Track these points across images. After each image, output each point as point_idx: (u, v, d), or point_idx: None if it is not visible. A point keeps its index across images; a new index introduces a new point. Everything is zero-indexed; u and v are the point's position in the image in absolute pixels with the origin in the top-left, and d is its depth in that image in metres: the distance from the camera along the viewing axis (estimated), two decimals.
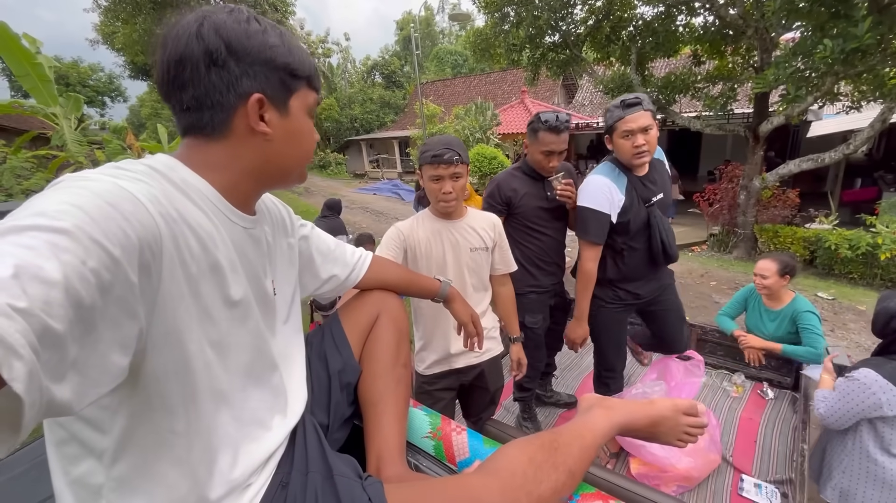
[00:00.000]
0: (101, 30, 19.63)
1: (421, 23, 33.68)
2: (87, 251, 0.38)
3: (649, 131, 1.69)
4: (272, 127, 0.62)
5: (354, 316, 0.96)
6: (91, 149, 9.25)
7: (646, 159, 1.76)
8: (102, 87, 31.31)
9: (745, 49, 7.26)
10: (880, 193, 8.19)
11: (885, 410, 1.56)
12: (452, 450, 0.88)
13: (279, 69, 0.61)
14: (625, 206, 1.84)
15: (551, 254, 2.11)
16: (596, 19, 7.79)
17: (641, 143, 1.70)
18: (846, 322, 4.77)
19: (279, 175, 0.68)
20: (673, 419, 0.84)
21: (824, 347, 2.21)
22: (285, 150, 0.65)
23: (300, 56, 0.64)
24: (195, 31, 0.56)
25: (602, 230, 1.86)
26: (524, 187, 2.01)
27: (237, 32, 0.58)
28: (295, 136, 0.65)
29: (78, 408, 0.39)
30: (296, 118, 0.65)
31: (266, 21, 0.62)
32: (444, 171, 1.44)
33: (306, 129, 0.67)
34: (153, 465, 0.55)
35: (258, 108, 0.60)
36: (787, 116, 6.07)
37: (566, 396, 2.63)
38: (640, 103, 1.69)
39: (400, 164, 20.76)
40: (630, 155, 1.75)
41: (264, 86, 0.60)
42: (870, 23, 4.15)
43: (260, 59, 0.59)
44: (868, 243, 5.70)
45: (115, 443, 0.52)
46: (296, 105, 0.64)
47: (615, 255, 1.98)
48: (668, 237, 1.90)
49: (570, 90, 18.87)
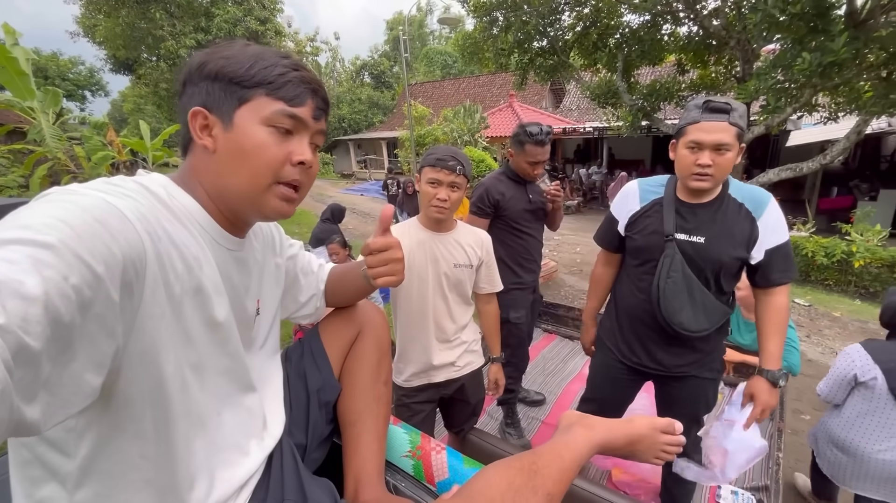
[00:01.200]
0: (82, 22, 19.14)
1: (412, 23, 33.66)
2: (70, 267, 0.38)
3: (725, 153, 1.29)
4: (217, 141, 0.60)
5: (335, 331, 0.94)
6: (70, 144, 9.01)
7: (706, 184, 1.34)
8: (83, 81, 30.54)
9: (728, 59, 7.41)
10: (855, 202, 8.46)
11: (858, 376, 1.85)
12: (431, 470, 0.87)
13: (221, 79, 0.59)
14: (635, 216, 1.53)
15: (532, 253, 2.25)
16: (583, 26, 7.87)
17: (706, 164, 1.30)
18: (822, 328, 4.90)
19: (230, 195, 0.62)
20: (651, 437, 0.84)
21: (798, 360, 2.26)
22: (231, 166, 0.60)
23: (255, 65, 0.60)
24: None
25: (606, 233, 1.66)
26: (510, 191, 2.13)
27: (197, 60, 0.60)
28: (240, 150, 0.59)
29: (45, 428, 0.38)
30: (242, 130, 0.59)
31: (240, 40, 0.63)
32: (443, 177, 1.42)
33: (255, 141, 0.59)
34: (120, 492, 0.54)
35: (201, 121, 0.60)
36: (768, 126, 6.21)
37: (534, 394, 2.72)
38: (728, 112, 1.29)
39: (388, 164, 20.70)
40: (688, 173, 1.36)
41: (206, 98, 0.60)
42: (846, 38, 4.27)
43: (205, 73, 0.60)
44: (843, 251, 5.87)
45: (80, 467, 0.51)
46: (244, 117, 0.59)
47: (628, 278, 1.62)
48: (670, 292, 1.42)
49: (557, 95, 19.05)
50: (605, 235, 1.67)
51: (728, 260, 1.38)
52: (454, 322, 1.61)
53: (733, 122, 1.29)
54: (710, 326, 1.43)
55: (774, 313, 1.43)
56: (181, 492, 0.58)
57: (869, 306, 5.60)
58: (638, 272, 1.55)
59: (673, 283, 1.41)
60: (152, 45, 18.22)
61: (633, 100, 7.50)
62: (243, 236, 0.69)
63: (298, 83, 0.61)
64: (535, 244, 2.25)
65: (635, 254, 1.55)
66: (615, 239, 1.62)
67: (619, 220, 1.59)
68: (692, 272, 1.40)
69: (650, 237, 1.47)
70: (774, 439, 2.05)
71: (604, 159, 13.77)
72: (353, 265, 0.98)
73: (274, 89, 0.60)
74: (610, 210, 1.64)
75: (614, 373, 1.68)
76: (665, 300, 1.43)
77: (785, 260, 1.39)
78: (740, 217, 1.38)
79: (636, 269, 1.56)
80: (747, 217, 1.37)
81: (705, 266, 1.40)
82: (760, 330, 1.46)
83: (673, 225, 1.43)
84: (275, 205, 0.63)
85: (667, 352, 1.53)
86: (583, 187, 12.79)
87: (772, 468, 1.89)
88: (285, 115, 0.60)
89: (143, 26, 17.36)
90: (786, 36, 5.06)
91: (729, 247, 1.37)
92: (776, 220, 1.37)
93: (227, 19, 18.01)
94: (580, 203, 12.28)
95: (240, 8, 18.61)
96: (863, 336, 4.72)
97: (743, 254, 1.37)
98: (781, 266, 1.38)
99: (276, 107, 0.60)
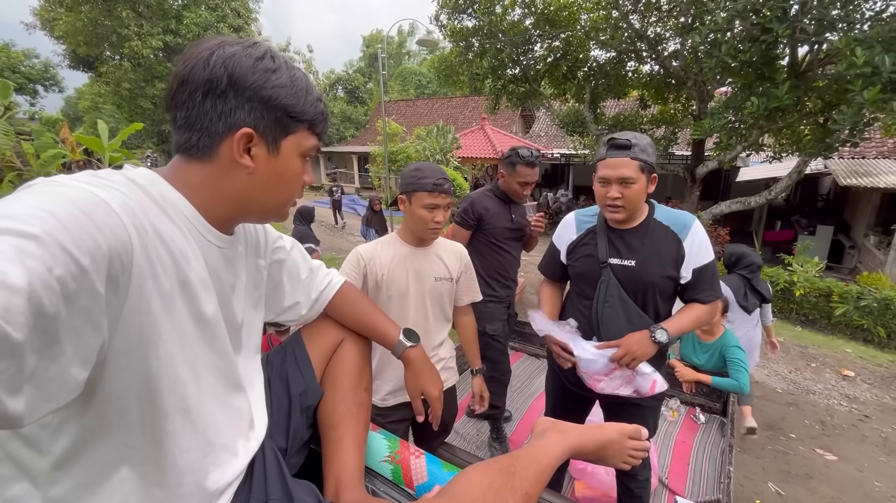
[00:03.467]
0: (40, 15, 18.26)
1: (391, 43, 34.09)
2: (55, 258, 0.37)
3: (630, 185, 1.39)
4: (257, 162, 0.62)
5: (319, 337, 0.95)
6: (17, 140, 8.46)
7: (619, 216, 1.44)
8: (35, 75, 28.85)
9: (686, 98, 7.97)
10: (796, 236, 9.15)
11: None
12: (411, 475, 0.88)
13: (277, 108, 0.61)
14: (573, 244, 1.62)
15: (509, 270, 2.36)
16: (554, 57, 8.27)
17: (616, 196, 1.40)
18: (766, 352, 5.20)
19: (256, 210, 0.67)
20: (619, 443, 0.89)
21: (747, 380, 2.41)
22: (266, 188, 0.64)
23: (306, 100, 0.63)
24: (205, 57, 0.57)
25: (549, 263, 1.73)
26: (494, 208, 2.27)
27: (244, 67, 0.58)
28: (279, 176, 0.65)
29: (28, 422, 0.37)
30: (285, 159, 0.64)
31: (283, 60, 0.62)
32: (441, 201, 1.43)
33: (294, 171, 0.66)
34: (101, 488, 0.53)
35: (246, 142, 0.60)
36: (720, 161, 6.69)
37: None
38: (629, 147, 1.39)
39: (358, 179, 20.59)
40: (602, 205, 1.48)
41: (257, 122, 0.60)
42: (788, 86, 4.71)
43: (259, 95, 0.59)
44: (786, 280, 6.32)
45: (54, 464, 0.50)
46: (289, 146, 0.64)
47: (571, 305, 1.68)
48: (608, 316, 1.49)
49: (527, 121, 19.69)
50: (549, 265, 1.74)
51: (659, 280, 1.47)
52: (432, 339, 1.61)
53: (634, 157, 1.38)
54: None
55: (698, 310, 1.51)
56: (168, 488, 0.57)
57: (809, 332, 6.03)
58: (581, 298, 1.62)
59: (610, 308, 1.49)
60: (116, 44, 17.55)
61: (600, 129, 7.90)
62: (231, 234, 0.69)
63: (326, 121, 0.68)
64: (511, 261, 2.36)
65: (576, 280, 1.64)
66: (558, 268, 1.69)
67: (560, 249, 1.67)
68: (628, 295, 1.48)
69: (587, 262, 1.56)
70: (726, 454, 2.16)
71: (570, 184, 14.27)
72: (384, 325, 0.99)
73: (314, 125, 0.66)
74: (552, 241, 1.72)
75: (564, 396, 1.73)
76: (604, 324, 1.49)
77: (711, 279, 1.48)
78: (667, 239, 1.47)
79: (579, 296, 1.63)
80: (673, 238, 1.46)
81: (638, 288, 1.48)
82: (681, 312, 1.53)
83: (606, 251, 1.51)
84: (285, 214, 0.71)
85: None
86: (549, 210, 13.21)
87: (723, 482, 1.98)
88: (314, 149, 0.68)
89: (107, 24, 16.73)
90: (737, 80, 5.52)
91: (658, 267, 1.46)
92: (700, 240, 1.47)
93: (198, 23, 17.66)
94: (547, 225, 12.64)
95: (213, 14, 18.32)
96: (804, 360, 5.06)
97: (673, 273, 1.45)
98: (708, 285, 1.48)
99: (312, 142, 0.67)
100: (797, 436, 3.48)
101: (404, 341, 1.00)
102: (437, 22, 8.25)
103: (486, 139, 14.00)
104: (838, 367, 4.91)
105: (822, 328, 6.20)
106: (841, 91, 4.66)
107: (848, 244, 9.18)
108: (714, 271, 1.48)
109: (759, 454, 3.18)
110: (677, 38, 6.87)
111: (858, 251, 8.87)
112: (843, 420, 3.81)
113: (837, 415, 3.89)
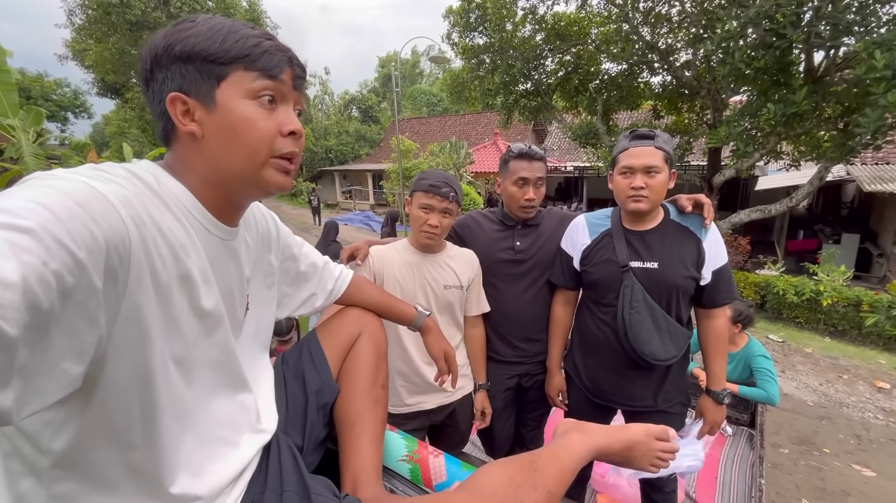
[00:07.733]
0: (72, 46, 19.23)
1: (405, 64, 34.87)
2: (50, 252, 0.36)
3: (655, 175, 1.36)
4: (203, 125, 0.57)
5: (334, 334, 0.95)
6: (48, 164, 8.84)
7: (642, 206, 1.38)
8: (66, 103, 30.28)
9: (700, 107, 7.93)
10: (821, 244, 8.89)
11: None
12: (429, 474, 0.87)
13: (194, 58, 0.55)
14: (587, 250, 1.53)
15: (512, 321, 1.80)
16: (566, 71, 8.34)
17: (640, 186, 1.36)
18: (795, 364, 5.03)
19: (233, 178, 0.60)
20: (646, 444, 0.85)
21: (777, 391, 2.32)
22: (223, 147, 0.58)
23: (227, 38, 0.56)
24: (139, 56, 0.58)
25: (561, 271, 1.63)
26: (488, 231, 1.75)
27: (162, 42, 0.55)
28: (230, 129, 0.57)
29: (17, 417, 0.36)
30: (227, 108, 0.57)
31: (210, 17, 0.58)
32: (436, 203, 1.42)
33: (245, 118, 0.57)
34: (104, 484, 0.52)
35: (182, 108, 0.56)
36: (737, 170, 6.59)
37: None
38: (653, 137, 1.38)
39: (373, 195, 20.85)
40: (624, 196, 1.41)
41: (182, 82, 0.56)
42: (805, 91, 4.65)
43: (174, 53, 0.55)
44: (812, 290, 6.11)
45: (55, 462, 0.49)
46: (226, 94, 0.57)
47: (590, 313, 1.60)
48: (636, 322, 1.41)
49: (540, 135, 19.77)
50: (562, 273, 1.64)
51: (682, 281, 1.42)
52: None
53: (658, 146, 1.37)
54: (677, 353, 1.45)
55: (716, 337, 1.51)
56: (167, 483, 0.56)
57: (839, 343, 5.79)
58: (599, 306, 1.54)
59: (637, 314, 1.42)
60: None
61: (612, 141, 7.88)
62: (235, 225, 0.67)
63: (275, 52, 0.59)
64: (516, 308, 1.76)
65: (594, 287, 1.54)
66: (573, 276, 1.61)
67: (572, 255, 1.59)
68: (653, 299, 1.42)
69: (606, 268, 1.48)
70: (756, 466, 2.07)
71: (583, 197, 14.19)
72: (400, 303, 1.10)
73: (251, 61, 0.57)
74: (560, 247, 1.63)
75: (585, 405, 1.66)
76: (633, 331, 1.42)
77: (728, 281, 1.46)
78: (686, 239, 1.43)
79: (597, 303, 1.55)
80: (693, 238, 1.43)
81: (662, 291, 1.43)
82: (705, 353, 1.53)
83: (626, 254, 1.45)
84: (275, 179, 0.61)
85: (635, 385, 1.52)
86: None
87: (755, 495, 1.89)
88: (267, 85, 0.58)
89: (133, 52, 17.52)
90: (751, 88, 5.47)
91: (681, 268, 1.41)
92: (718, 241, 1.44)
93: None
94: None
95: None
96: (835, 372, 4.86)
97: (695, 273, 1.42)
98: (726, 287, 1.45)
99: (260, 81, 0.58)
100: (831, 451, 3.32)
101: (423, 311, 1.13)
102: (448, 40, 8.43)
103: (499, 154, 14.11)
104: (872, 379, 4.70)
105: (852, 339, 5.96)
106: (861, 95, 4.58)
107: (876, 252, 8.86)
108: (729, 272, 1.47)
109: (791, 470, 3.04)
110: (689, 48, 6.87)
111: (888, 259, 8.55)
112: (881, 434, 3.62)
113: (874, 430, 3.70)
